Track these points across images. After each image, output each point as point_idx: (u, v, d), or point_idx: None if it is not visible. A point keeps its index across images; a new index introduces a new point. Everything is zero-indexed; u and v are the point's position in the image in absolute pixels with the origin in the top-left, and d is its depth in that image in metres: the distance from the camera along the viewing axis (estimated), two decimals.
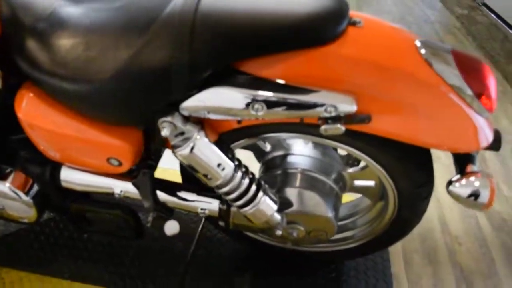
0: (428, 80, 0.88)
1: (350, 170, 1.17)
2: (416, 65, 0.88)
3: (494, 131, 1.02)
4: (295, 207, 1.09)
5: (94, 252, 1.42)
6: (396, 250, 1.54)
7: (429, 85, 0.88)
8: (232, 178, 0.98)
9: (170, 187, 1.12)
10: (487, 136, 0.97)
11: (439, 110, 0.90)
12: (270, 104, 0.85)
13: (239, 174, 0.98)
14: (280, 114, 0.86)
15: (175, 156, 0.94)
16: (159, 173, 1.26)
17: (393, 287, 1.40)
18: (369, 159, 1.02)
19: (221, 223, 1.14)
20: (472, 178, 0.97)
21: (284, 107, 0.85)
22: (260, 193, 1.01)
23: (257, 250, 1.41)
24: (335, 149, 1.22)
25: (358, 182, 1.20)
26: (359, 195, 1.38)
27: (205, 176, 0.97)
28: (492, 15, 3.52)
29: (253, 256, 1.42)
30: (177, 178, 1.19)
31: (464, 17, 3.47)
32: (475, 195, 0.96)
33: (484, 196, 0.95)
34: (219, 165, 0.95)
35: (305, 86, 0.86)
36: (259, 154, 1.21)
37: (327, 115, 0.85)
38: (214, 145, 0.95)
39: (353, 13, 0.91)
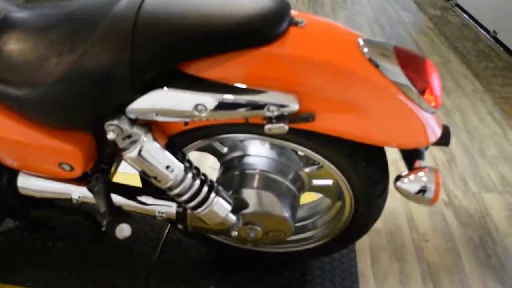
0: (371, 78, 0.89)
1: (307, 169, 1.18)
2: (358, 63, 0.89)
3: (443, 126, 1.04)
4: (251, 207, 1.10)
5: (58, 259, 1.41)
6: (363, 248, 1.55)
7: (372, 83, 0.90)
8: (182, 179, 0.98)
9: (127, 191, 1.12)
10: (435, 132, 0.98)
11: (383, 108, 0.92)
12: (213, 105, 0.86)
13: (190, 175, 0.99)
14: (223, 115, 0.87)
15: (124, 159, 0.95)
16: (121, 178, 1.26)
17: (359, 285, 1.41)
18: (321, 157, 1.03)
19: (180, 226, 1.14)
20: (420, 174, 0.98)
21: (227, 108, 0.86)
22: (213, 194, 1.02)
23: (219, 251, 1.41)
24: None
25: (316, 182, 1.21)
26: (320, 195, 1.39)
27: (155, 178, 0.97)
28: (465, 15, 3.59)
29: (218, 259, 1.43)
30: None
31: (437, 18, 3.52)
32: (423, 190, 0.97)
33: (431, 191, 0.96)
34: (168, 167, 0.95)
35: (248, 86, 0.87)
36: (217, 155, 1.22)
37: (270, 114, 0.86)
38: (163, 147, 0.95)
39: (296, 13, 0.93)
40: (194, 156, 1.84)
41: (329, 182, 1.21)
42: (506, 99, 2.50)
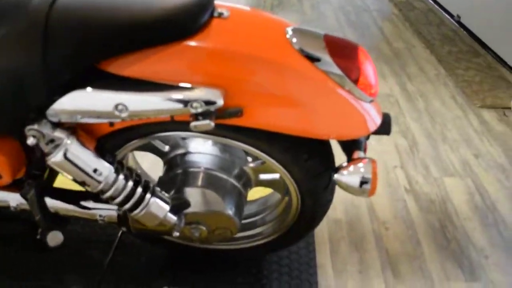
0: (301, 69, 0.87)
1: (252, 164, 1.15)
2: (286, 54, 0.86)
3: (383, 114, 1.02)
4: (193, 206, 1.07)
5: (9, 269, 1.36)
6: (322, 240, 1.53)
7: (302, 75, 0.87)
8: (113, 182, 0.94)
9: (65, 196, 1.08)
10: (374, 121, 0.97)
11: (317, 100, 0.90)
12: (133, 105, 0.82)
13: (121, 177, 0.95)
14: (145, 114, 0.84)
15: (49, 164, 0.91)
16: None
17: (317, 277, 1.39)
18: (261, 153, 1.00)
19: (123, 229, 1.11)
20: (359, 165, 0.96)
21: (149, 107, 0.82)
22: (148, 195, 0.99)
23: (168, 250, 1.39)
24: None
25: (263, 176, 1.18)
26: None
27: (83, 182, 0.93)
28: (430, 0, 3.59)
29: (172, 259, 1.40)
30: None
31: (402, 4, 3.52)
32: (361, 182, 0.95)
33: (369, 182, 0.94)
34: (95, 170, 0.92)
35: (170, 83, 0.83)
36: (159, 154, 1.18)
37: (194, 111, 0.83)
38: (90, 150, 0.91)
39: (220, 4, 0.89)
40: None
41: (276, 176, 1.18)
42: (469, 83, 2.51)
